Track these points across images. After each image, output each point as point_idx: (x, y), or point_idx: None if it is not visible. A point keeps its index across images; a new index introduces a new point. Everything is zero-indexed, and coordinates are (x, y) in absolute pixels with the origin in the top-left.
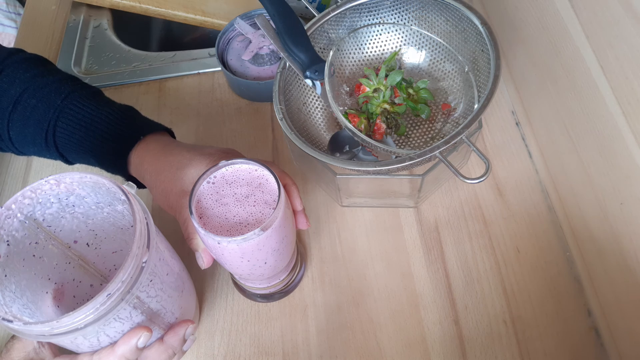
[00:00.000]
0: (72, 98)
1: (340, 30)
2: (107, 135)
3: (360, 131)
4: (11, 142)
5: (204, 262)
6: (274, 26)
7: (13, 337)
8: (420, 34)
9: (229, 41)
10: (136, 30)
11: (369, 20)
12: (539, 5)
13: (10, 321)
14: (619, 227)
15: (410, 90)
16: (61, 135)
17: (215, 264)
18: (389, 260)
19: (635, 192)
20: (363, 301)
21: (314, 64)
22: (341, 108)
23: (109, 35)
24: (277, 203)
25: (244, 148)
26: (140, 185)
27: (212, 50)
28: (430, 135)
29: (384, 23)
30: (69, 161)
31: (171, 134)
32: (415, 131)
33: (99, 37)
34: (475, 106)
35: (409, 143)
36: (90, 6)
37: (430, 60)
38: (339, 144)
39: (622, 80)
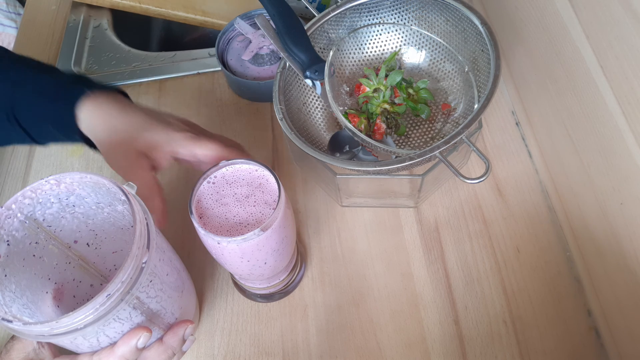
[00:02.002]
0: (26, 71)
1: (340, 30)
2: (54, 94)
3: (360, 131)
4: None
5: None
6: (274, 26)
7: (13, 337)
8: (420, 34)
9: (229, 41)
10: (136, 30)
11: (369, 20)
12: (539, 5)
13: (10, 321)
14: (619, 227)
15: (410, 90)
16: (19, 108)
17: (215, 264)
18: (389, 260)
19: (635, 192)
20: (363, 301)
21: (314, 64)
22: (341, 108)
23: (109, 35)
24: (277, 203)
25: None
26: (91, 145)
27: (212, 50)
28: (430, 135)
29: (384, 23)
30: (35, 140)
31: (127, 97)
32: (415, 131)
33: (99, 37)
34: (475, 106)
35: (409, 143)
36: (90, 6)
37: (430, 60)
38: (339, 144)
39: (622, 80)
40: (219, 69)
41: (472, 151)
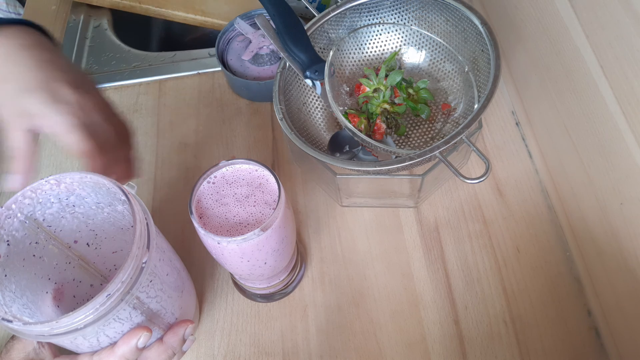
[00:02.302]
0: None
1: (340, 30)
2: None
3: (360, 131)
4: None
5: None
6: (274, 26)
7: (13, 337)
8: (420, 34)
9: (229, 41)
10: (136, 30)
11: (369, 20)
12: (539, 5)
13: (10, 321)
14: (619, 227)
15: (410, 90)
16: None
17: (215, 264)
18: (389, 260)
19: (635, 192)
20: (363, 301)
21: (314, 64)
22: (341, 108)
23: (109, 35)
24: (277, 203)
25: (244, 148)
26: None
27: (212, 50)
28: (430, 135)
29: (384, 23)
30: None
31: (42, 31)
32: (415, 131)
33: (99, 37)
34: (475, 106)
35: (409, 143)
36: (90, 6)
37: (430, 60)
38: (339, 144)
39: (622, 80)
40: (219, 69)
41: (472, 151)
